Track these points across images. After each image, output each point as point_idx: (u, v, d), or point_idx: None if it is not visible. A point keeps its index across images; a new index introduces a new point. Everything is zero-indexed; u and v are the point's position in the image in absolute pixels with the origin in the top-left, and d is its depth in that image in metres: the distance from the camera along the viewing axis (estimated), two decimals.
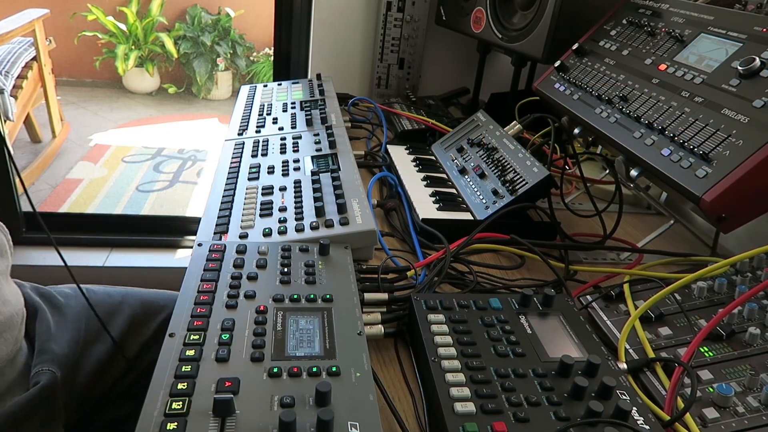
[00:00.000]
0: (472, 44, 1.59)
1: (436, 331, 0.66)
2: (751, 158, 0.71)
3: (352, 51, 1.74)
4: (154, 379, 0.53)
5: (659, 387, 0.63)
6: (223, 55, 4.83)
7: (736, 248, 1.01)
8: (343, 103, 1.48)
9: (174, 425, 0.48)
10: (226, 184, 0.99)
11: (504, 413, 0.56)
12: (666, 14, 1.02)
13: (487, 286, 0.84)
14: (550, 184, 0.95)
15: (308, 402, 0.52)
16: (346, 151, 1.08)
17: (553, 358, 0.63)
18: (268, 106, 1.38)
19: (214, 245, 0.75)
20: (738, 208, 0.74)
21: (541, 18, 1.19)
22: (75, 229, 1.91)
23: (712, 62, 0.86)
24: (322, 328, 0.62)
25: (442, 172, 1.15)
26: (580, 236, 0.99)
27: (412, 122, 1.41)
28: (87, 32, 4.65)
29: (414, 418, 0.61)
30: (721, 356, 0.65)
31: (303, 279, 0.71)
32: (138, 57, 4.73)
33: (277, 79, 1.78)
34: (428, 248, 0.92)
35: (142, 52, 4.76)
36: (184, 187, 3.43)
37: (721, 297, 0.75)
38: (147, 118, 4.46)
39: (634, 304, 0.75)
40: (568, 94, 1.07)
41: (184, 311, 0.62)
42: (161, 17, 4.80)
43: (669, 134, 0.82)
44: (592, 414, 0.54)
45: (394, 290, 0.77)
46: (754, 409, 0.59)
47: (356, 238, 0.83)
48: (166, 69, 4.98)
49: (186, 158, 3.79)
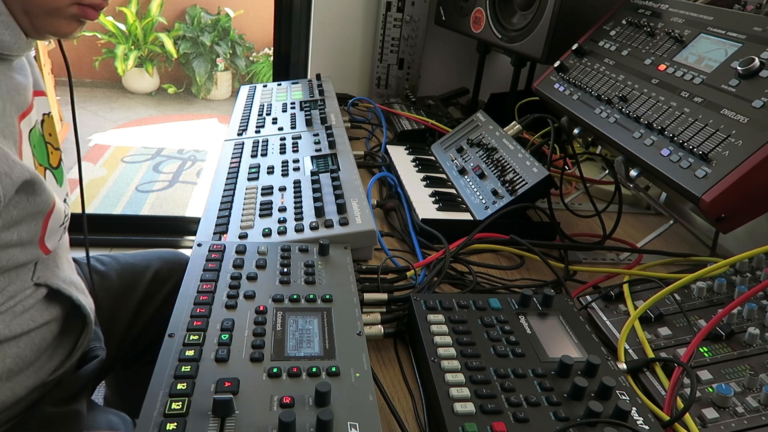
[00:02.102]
0: (472, 44, 1.59)
1: (436, 331, 0.66)
2: (750, 158, 0.71)
3: (352, 51, 1.74)
4: (153, 379, 0.53)
5: (659, 387, 0.63)
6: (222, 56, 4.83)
7: (735, 248, 1.01)
8: (342, 104, 1.48)
9: (173, 425, 0.48)
10: (226, 185, 0.99)
11: (503, 413, 0.56)
12: (665, 14, 1.02)
13: (486, 286, 0.84)
14: (549, 185, 0.95)
15: (308, 402, 0.52)
16: (346, 152, 1.08)
17: (553, 358, 0.63)
18: (267, 106, 1.38)
19: (213, 245, 0.75)
20: (737, 209, 0.74)
21: (541, 18, 1.19)
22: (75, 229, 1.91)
23: (711, 62, 0.86)
24: (322, 329, 0.62)
25: (442, 173, 1.15)
26: (580, 236, 0.99)
27: (412, 122, 1.41)
28: (86, 32, 4.65)
29: (414, 418, 0.61)
30: (721, 356, 0.65)
31: (302, 279, 0.71)
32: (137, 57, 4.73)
33: (276, 79, 1.78)
34: (428, 248, 0.92)
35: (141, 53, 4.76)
36: (183, 188, 3.43)
37: (721, 297, 0.75)
38: (146, 119, 4.46)
39: (633, 305, 0.75)
40: (567, 95, 1.07)
41: (183, 311, 0.62)
42: (161, 17, 4.80)
43: (668, 134, 0.82)
44: (591, 414, 0.54)
45: (394, 290, 0.77)
46: (753, 410, 0.59)
47: (356, 238, 0.83)
48: (165, 69, 4.98)
49: (185, 158, 3.79)
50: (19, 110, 0.64)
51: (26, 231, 0.64)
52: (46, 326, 0.72)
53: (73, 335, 0.77)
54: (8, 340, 0.67)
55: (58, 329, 0.75)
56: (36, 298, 0.70)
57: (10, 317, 0.67)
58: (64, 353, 0.76)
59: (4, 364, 0.66)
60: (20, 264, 0.66)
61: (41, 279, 0.71)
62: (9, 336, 0.66)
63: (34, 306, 0.70)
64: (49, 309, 0.72)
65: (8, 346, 0.67)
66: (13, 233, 0.62)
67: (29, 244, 0.65)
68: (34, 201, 0.63)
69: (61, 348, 0.76)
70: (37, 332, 0.71)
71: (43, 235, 0.67)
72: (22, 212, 0.62)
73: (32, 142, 0.67)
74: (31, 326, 0.69)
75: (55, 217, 0.68)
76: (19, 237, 0.63)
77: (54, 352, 0.74)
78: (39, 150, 0.69)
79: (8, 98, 0.62)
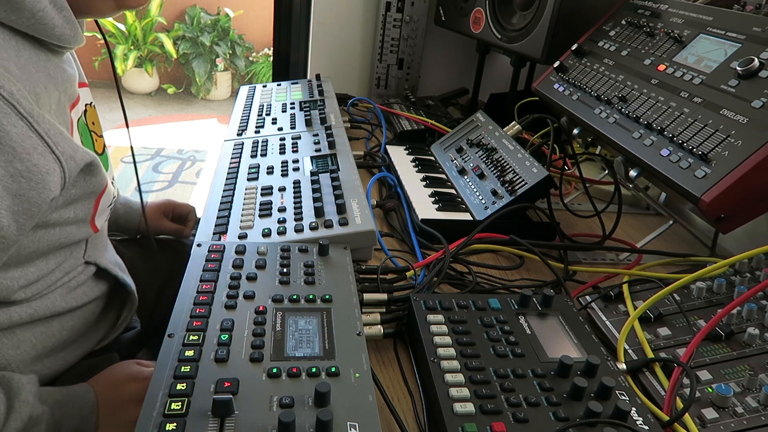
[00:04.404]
0: (472, 45, 1.59)
1: (436, 331, 0.66)
2: (750, 158, 0.71)
3: (352, 51, 1.74)
4: (153, 379, 0.53)
5: (658, 387, 0.63)
6: (222, 56, 4.83)
7: (735, 248, 1.01)
8: (342, 104, 1.48)
9: (173, 426, 0.48)
10: (226, 185, 0.99)
11: (503, 413, 0.56)
12: (665, 15, 1.02)
13: (486, 286, 0.84)
14: (549, 185, 0.95)
15: (307, 402, 0.52)
16: (346, 152, 1.08)
17: (553, 358, 0.63)
18: (267, 106, 1.38)
19: (213, 245, 0.75)
20: (737, 209, 0.74)
21: (540, 18, 1.19)
22: None
23: (711, 63, 0.86)
24: (322, 329, 0.62)
25: (442, 173, 1.15)
26: (580, 236, 0.99)
27: (412, 123, 1.41)
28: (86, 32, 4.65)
29: (413, 418, 0.61)
30: (720, 357, 0.65)
31: (302, 279, 0.71)
32: (137, 57, 4.73)
33: (276, 79, 1.78)
34: (427, 248, 0.92)
35: (141, 53, 4.77)
36: (183, 188, 3.43)
37: (720, 297, 0.75)
38: (146, 119, 4.46)
39: (633, 305, 0.75)
40: (567, 95, 1.07)
41: (183, 311, 0.62)
42: (160, 17, 4.80)
43: (668, 134, 0.82)
44: (591, 414, 0.54)
45: (394, 291, 0.77)
46: (753, 410, 0.59)
47: (355, 238, 0.83)
48: (165, 69, 4.98)
49: (185, 158, 3.79)
50: (70, 100, 0.68)
51: (81, 209, 0.70)
52: (94, 302, 0.80)
53: (116, 310, 0.86)
54: (65, 313, 0.74)
55: (103, 304, 0.83)
56: (87, 275, 0.78)
57: (66, 291, 0.74)
58: (107, 326, 0.84)
59: (62, 336, 0.74)
60: (74, 241, 0.72)
61: (91, 258, 0.78)
62: (66, 309, 0.73)
63: (86, 282, 0.78)
64: (98, 285, 0.80)
65: (65, 319, 0.74)
66: (70, 211, 0.68)
67: (83, 222, 0.72)
68: (91, 181, 0.68)
69: (105, 321, 0.84)
70: (88, 307, 0.78)
71: (94, 214, 0.73)
72: (79, 191, 0.68)
73: (80, 130, 0.73)
74: (84, 300, 0.77)
75: (106, 197, 0.74)
76: (75, 215, 0.69)
77: (99, 326, 0.82)
78: (85, 138, 0.74)
79: (62, 89, 0.66)
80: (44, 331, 0.71)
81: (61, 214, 0.66)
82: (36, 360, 0.71)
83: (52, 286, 0.71)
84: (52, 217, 0.65)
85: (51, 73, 0.63)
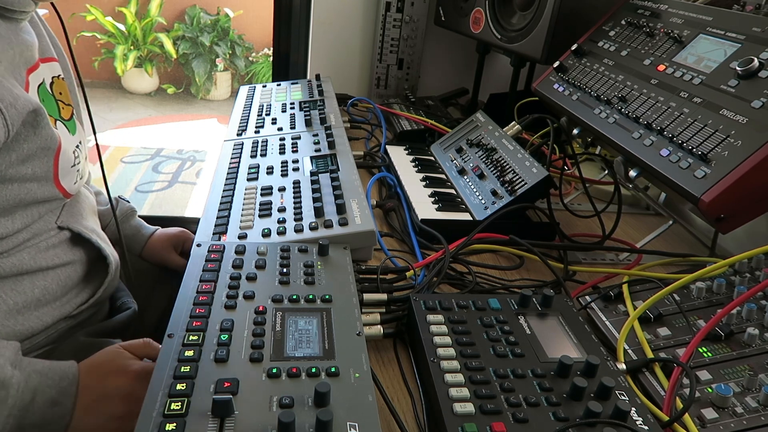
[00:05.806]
0: (471, 45, 1.59)
1: (435, 331, 0.66)
2: (749, 159, 0.71)
3: (351, 51, 1.74)
4: (152, 379, 0.53)
5: (658, 387, 0.63)
6: (222, 56, 4.83)
7: (734, 249, 1.01)
8: (342, 104, 1.48)
9: (173, 426, 0.48)
10: (225, 185, 0.99)
11: (503, 414, 0.56)
12: (665, 15, 1.02)
13: (486, 286, 0.84)
14: (549, 185, 0.95)
15: (307, 402, 0.52)
16: (345, 152, 1.08)
17: (552, 358, 0.63)
18: (267, 106, 1.38)
19: (213, 246, 0.75)
20: (737, 209, 0.74)
21: (540, 18, 1.19)
22: None
23: (710, 63, 0.86)
24: (321, 329, 0.62)
25: (441, 173, 1.15)
26: (579, 237, 0.99)
27: (411, 123, 1.41)
28: (86, 32, 4.65)
29: (413, 418, 0.61)
30: (720, 357, 0.65)
31: (302, 279, 0.71)
32: (137, 57, 4.73)
33: (276, 79, 1.78)
34: (427, 249, 0.92)
35: (141, 53, 4.77)
36: (183, 188, 3.43)
37: (720, 297, 0.75)
38: (146, 119, 4.46)
39: (633, 305, 0.75)
40: (567, 95, 1.08)
41: (182, 312, 0.62)
42: (160, 18, 4.80)
43: (668, 135, 0.82)
44: (591, 414, 0.54)
45: (394, 291, 0.77)
46: (752, 410, 0.59)
47: (355, 238, 0.83)
48: (165, 69, 4.98)
49: (185, 159, 3.79)
50: (26, 63, 0.73)
51: (39, 166, 0.72)
52: (71, 266, 0.82)
53: (98, 280, 0.87)
54: (35, 272, 0.76)
55: (83, 271, 0.84)
56: (60, 239, 0.80)
57: (35, 251, 0.76)
58: (88, 294, 0.86)
59: (33, 294, 0.76)
60: (39, 200, 0.74)
61: (64, 223, 0.80)
62: (35, 268, 0.75)
63: (59, 245, 0.80)
64: (73, 250, 0.82)
65: (36, 277, 0.76)
66: (27, 167, 0.70)
67: (44, 180, 0.73)
68: (40, 134, 0.70)
69: (86, 289, 0.86)
70: (62, 269, 0.80)
71: (56, 173, 0.75)
72: (32, 146, 0.69)
73: (41, 95, 0.76)
74: (56, 262, 0.79)
75: (64, 156, 0.76)
76: (33, 171, 0.71)
77: (80, 292, 0.84)
78: (48, 103, 0.77)
79: (18, 50, 0.71)
80: (14, 287, 0.73)
81: (18, 170, 0.69)
82: (8, 315, 0.73)
83: (21, 246, 0.74)
84: (8, 173, 0.68)
85: (2, 33, 0.68)
